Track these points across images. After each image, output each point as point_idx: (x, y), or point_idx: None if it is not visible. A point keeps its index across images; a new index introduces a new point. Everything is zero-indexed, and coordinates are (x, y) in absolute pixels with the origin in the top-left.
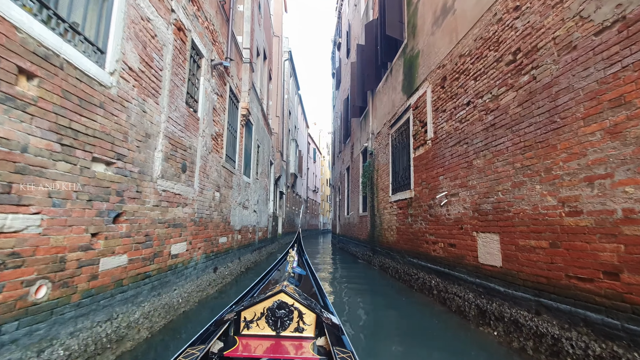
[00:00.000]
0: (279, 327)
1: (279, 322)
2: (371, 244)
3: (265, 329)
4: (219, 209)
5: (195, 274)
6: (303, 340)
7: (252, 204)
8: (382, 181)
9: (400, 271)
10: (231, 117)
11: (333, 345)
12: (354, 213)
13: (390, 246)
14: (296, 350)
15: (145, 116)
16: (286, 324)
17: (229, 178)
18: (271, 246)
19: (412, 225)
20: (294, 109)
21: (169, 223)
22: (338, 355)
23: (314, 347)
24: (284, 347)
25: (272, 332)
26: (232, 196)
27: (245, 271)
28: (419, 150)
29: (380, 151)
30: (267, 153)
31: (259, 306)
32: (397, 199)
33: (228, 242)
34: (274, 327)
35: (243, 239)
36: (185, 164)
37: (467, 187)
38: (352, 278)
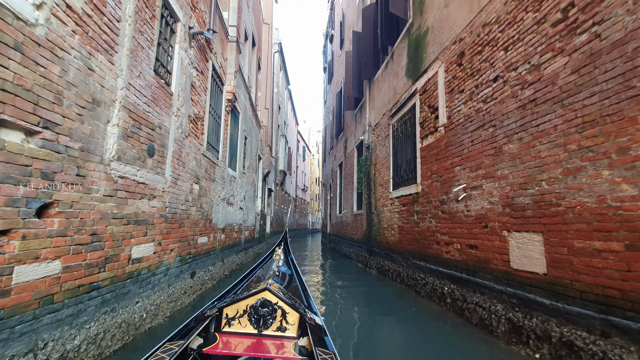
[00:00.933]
0: (261, 325)
1: (261, 321)
2: (367, 244)
3: (247, 326)
4: (198, 204)
5: (166, 281)
6: (285, 340)
7: (238, 200)
8: (380, 176)
9: (404, 275)
10: (214, 100)
11: (315, 346)
12: (347, 211)
13: (391, 247)
14: (277, 350)
15: (93, 76)
16: (269, 322)
17: (210, 169)
18: (259, 246)
19: (419, 224)
20: (284, 104)
21: (128, 219)
22: (320, 356)
23: (295, 347)
24: (265, 345)
25: (253, 330)
26: (214, 190)
27: (229, 274)
28: (428, 139)
29: (379, 144)
30: (255, 146)
31: (242, 303)
32: (400, 195)
33: (209, 243)
34: (256, 325)
35: (227, 239)
36: (152, 146)
37: (495, 178)
38: (347, 282)
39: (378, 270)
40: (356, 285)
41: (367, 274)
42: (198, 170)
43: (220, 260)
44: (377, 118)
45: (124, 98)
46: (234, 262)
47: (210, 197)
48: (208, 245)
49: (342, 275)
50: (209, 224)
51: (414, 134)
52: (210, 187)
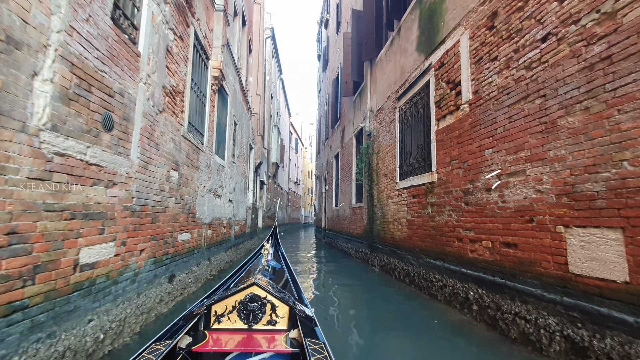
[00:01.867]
0: (251, 320)
1: (251, 316)
2: (369, 239)
3: (236, 322)
4: (177, 194)
5: (134, 289)
6: (275, 333)
7: (227, 192)
8: (384, 165)
9: (414, 275)
10: (198, 75)
11: (305, 337)
12: (345, 205)
13: (397, 243)
14: (268, 343)
15: (6, 3)
16: (258, 317)
17: (194, 155)
18: (250, 242)
19: (434, 218)
20: (276, 93)
21: (73, 212)
22: (310, 346)
23: (286, 340)
24: (256, 340)
25: (244, 325)
26: (198, 179)
27: (217, 274)
28: (446, 121)
29: (383, 130)
30: (246, 134)
31: (230, 299)
32: (409, 186)
33: (193, 240)
34: (246, 320)
35: (215, 235)
36: (109, 117)
37: (545, 161)
38: (347, 282)
39: (382, 269)
40: (357, 285)
41: (368, 272)
42: (177, 155)
43: (207, 259)
44: (380, 102)
45: (63, 46)
46: (223, 261)
47: (193, 188)
48: (191, 243)
49: (341, 274)
50: (192, 218)
51: (427, 115)
52: (194, 175)
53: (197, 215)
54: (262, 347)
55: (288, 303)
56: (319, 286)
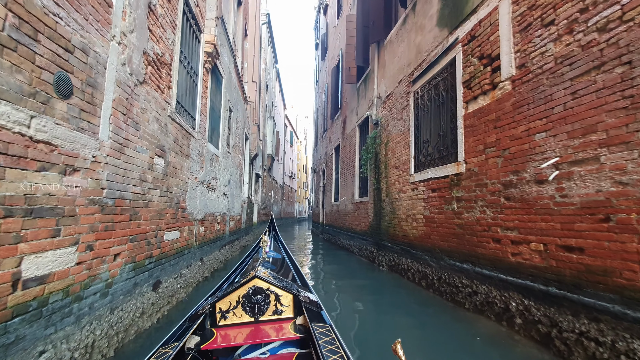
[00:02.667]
0: (256, 312)
1: (256, 308)
2: (375, 236)
3: (243, 316)
4: (163, 186)
5: (106, 305)
6: (282, 322)
7: (222, 184)
8: (395, 156)
9: (432, 277)
10: (188, 48)
11: (312, 322)
12: (347, 199)
13: (411, 242)
14: (276, 333)
15: None
16: (264, 308)
17: (183, 141)
18: (245, 238)
19: (461, 214)
20: (272, 83)
21: (8, 207)
22: (317, 330)
23: (294, 327)
24: (264, 331)
25: (250, 318)
26: (189, 169)
27: (210, 276)
28: (478, 102)
29: (393, 118)
30: (241, 123)
31: (233, 295)
32: (427, 178)
33: (182, 239)
34: (252, 313)
35: (208, 232)
36: (66, 79)
37: (631, 145)
38: (353, 282)
39: (391, 269)
40: (365, 287)
41: (375, 272)
42: (163, 139)
43: (199, 260)
44: (389, 88)
45: None
46: (217, 260)
47: (183, 178)
48: (181, 242)
49: (345, 274)
50: (181, 213)
51: (452, 98)
52: (183, 164)
53: (187, 210)
54: (271, 337)
55: (291, 291)
56: (321, 288)
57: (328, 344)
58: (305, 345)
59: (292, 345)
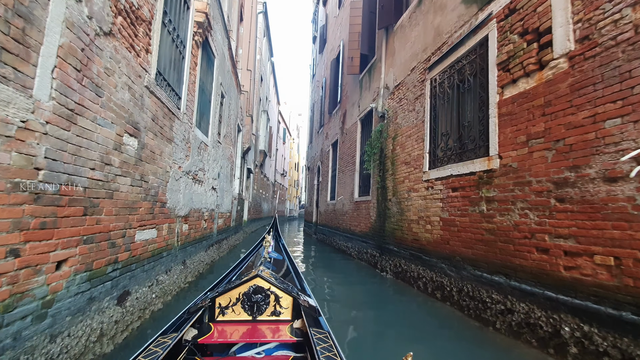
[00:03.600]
0: (255, 311)
1: (255, 307)
2: (378, 239)
3: (241, 314)
4: (135, 172)
5: (43, 332)
6: (280, 324)
7: (211, 177)
8: (405, 152)
9: (450, 289)
10: (174, 11)
11: (310, 327)
12: (345, 198)
13: (424, 246)
14: (273, 334)
15: None
16: (263, 308)
17: (165, 121)
18: (235, 237)
19: (492, 218)
20: (266, 76)
21: None
22: (315, 335)
23: (291, 330)
24: (261, 331)
25: (248, 317)
26: (171, 156)
27: (194, 281)
28: (519, 86)
29: (403, 110)
30: (234, 112)
31: (234, 292)
32: (446, 175)
33: (160, 239)
34: (250, 311)
35: (193, 231)
36: None
37: None
38: (352, 290)
39: (396, 275)
40: (367, 296)
41: (378, 278)
42: (137, 114)
43: (181, 263)
44: (399, 77)
45: None
46: (202, 262)
47: (163, 166)
48: (158, 243)
49: (343, 280)
50: (160, 208)
51: (482, 83)
52: (164, 149)
53: (168, 204)
54: (267, 337)
55: (291, 294)
56: (317, 295)
57: (326, 351)
58: (301, 349)
59: (287, 348)
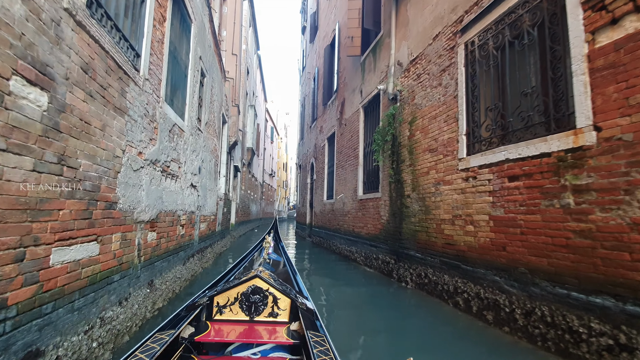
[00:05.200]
0: (252, 312)
1: (253, 307)
2: (392, 242)
3: (238, 314)
4: (48, 150)
5: None
6: (277, 325)
7: (189, 172)
8: (429, 136)
9: (513, 310)
10: None
11: (307, 329)
12: (346, 196)
13: (464, 252)
14: (270, 335)
15: None
16: (260, 309)
17: (110, 80)
18: (221, 243)
19: (586, 215)
20: (253, 69)
21: None
22: (312, 339)
23: (287, 332)
24: (257, 331)
25: (245, 317)
26: (124, 135)
27: (167, 304)
28: (625, 26)
29: (423, 87)
30: (218, 99)
31: (232, 291)
32: (499, 161)
33: (105, 257)
34: (248, 312)
35: (164, 240)
36: None
37: None
38: (362, 304)
39: (420, 287)
40: (382, 311)
41: (394, 289)
42: (47, 50)
43: (145, 285)
44: (416, 49)
45: None
46: (180, 279)
47: (108, 147)
48: (103, 263)
49: (351, 294)
50: (104, 210)
51: (556, 33)
52: (110, 122)
53: (120, 205)
54: (264, 338)
55: (290, 296)
56: (318, 308)
57: (322, 354)
58: (297, 352)
59: (283, 350)
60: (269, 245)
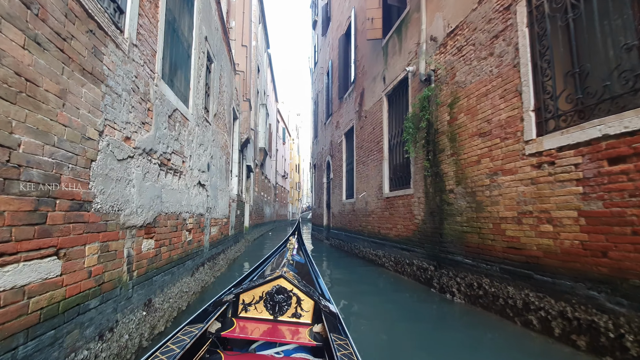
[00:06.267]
0: (276, 311)
1: (277, 307)
2: (430, 246)
3: (263, 312)
4: None
5: None
6: (300, 326)
7: (196, 168)
8: (478, 118)
9: (619, 335)
10: None
11: (330, 332)
12: (369, 194)
13: (537, 258)
14: (292, 335)
15: None
16: (284, 309)
17: (76, 31)
18: (235, 248)
19: None
20: (263, 68)
21: None
22: (335, 341)
23: (310, 333)
24: (281, 331)
25: (269, 316)
26: (100, 110)
27: (170, 327)
28: None
29: (468, 60)
30: (228, 90)
31: (257, 290)
32: (592, 139)
33: (73, 278)
34: (272, 311)
35: (165, 249)
36: None
37: None
38: (398, 319)
39: (472, 300)
40: (426, 331)
41: (436, 302)
42: None
43: (141, 307)
44: (455, 18)
45: None
46: (186, 293)
47: (74, 125)
48: (70, 287)
49: (381, 306)
50: (69, 213)
51: None
52: (77, 90)
53: (97, 205)
54: (286, 338)
55: (313, 297)
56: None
57: (346, 358)
58: (319, 354)
59: (306, 352)
60: (292, 246)
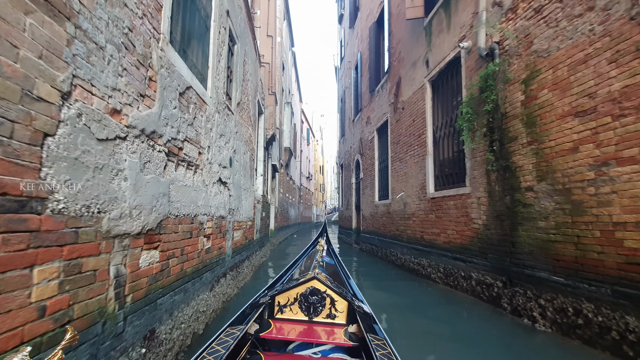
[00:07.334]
0: (311, 312)
1: (311, 308)
2: (497, 256)
3: (298, 313)
4: None
5: None
6: (335, 327)
7: (216, 162)
8: (570, 94)
9: None
10: None
11: (367, 332)
12: (408, 195)
13: None
14: (328, 336)
15: None
16: (318, 310)
17: None
18: (260, 253)
19: None
20: (288, 66)
21: None
22: (373, 342)
23: (345, 334)
24: (316, 332)
25: (304, 317)
26: (58, 51)
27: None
28: None
29: (551, 24)
30: (253, 79)
31: (292, 292)
32: None
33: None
34: (307, 312)
35: (178, 260)
36: None
37: None
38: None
39: (565, 330)
40: None
41: (510, 329)
42: None
43: (139, 343)
44: None
45: None
46: (206, 311)
47: (13, 73)
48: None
49: (430, 331)
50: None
51: None
52: (20, 20)
53: (57, 204)
54: (322, 338)
55: (347, 298)
56: None
57: (385, 357)
58: (356, 354)
59: (342, 352)
60: (322, 248)
